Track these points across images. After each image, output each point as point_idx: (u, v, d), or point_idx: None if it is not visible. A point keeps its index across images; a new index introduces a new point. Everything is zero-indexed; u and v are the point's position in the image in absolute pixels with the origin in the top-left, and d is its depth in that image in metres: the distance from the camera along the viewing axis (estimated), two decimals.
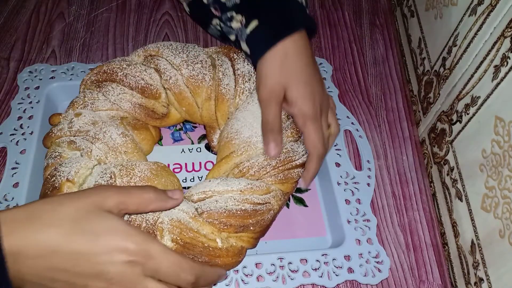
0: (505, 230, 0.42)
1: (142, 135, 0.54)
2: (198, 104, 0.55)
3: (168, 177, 0.49)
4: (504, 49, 0.44)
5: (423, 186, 0.58)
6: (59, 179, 0.46)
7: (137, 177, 0.46)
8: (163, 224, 0.42)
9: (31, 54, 0.68)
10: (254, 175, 0.48)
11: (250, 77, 0.55)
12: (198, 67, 0.54)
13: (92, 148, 0.49)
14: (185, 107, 0.55)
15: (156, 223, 0.42)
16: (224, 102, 0.54)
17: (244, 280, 0.46)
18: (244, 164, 0.48)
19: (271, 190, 0.47)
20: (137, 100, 0.53)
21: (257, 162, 0.48)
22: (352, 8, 0.79)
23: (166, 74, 0.53)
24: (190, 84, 0.53)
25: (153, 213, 0.43)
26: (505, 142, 0.43)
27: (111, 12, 0.75)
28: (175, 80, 0.53)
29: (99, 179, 0.46)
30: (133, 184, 0.46)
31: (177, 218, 0.43)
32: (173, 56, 0.54)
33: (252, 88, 0.54)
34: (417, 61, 0.66)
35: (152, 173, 0.47)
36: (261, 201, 0.46)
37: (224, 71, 0.54)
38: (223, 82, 0.54)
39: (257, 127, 0.50)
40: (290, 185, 0.50)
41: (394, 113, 0.65)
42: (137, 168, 0.47)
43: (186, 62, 0.54)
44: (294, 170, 0.49)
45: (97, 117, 0.51)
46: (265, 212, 0.46)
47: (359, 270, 0.47)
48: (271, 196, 0.47)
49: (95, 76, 0.54)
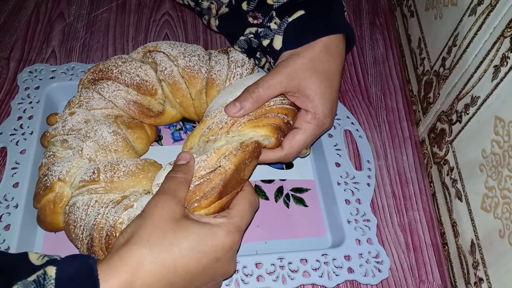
0: (505, 230, 0.42)
1: (136, 134, 0.53)
2: (192, 95, 0.54)
3: (155, 172, 0.48)
4: (504, 49, 0.44)
5: (423, 186, 0.58)
6: (51, 179, 0.47)
7: (121, 171, 0.47)
8: (122, 224, 0.43)
9: (31, 54, 0.68)
10: (223, 129, 0.45)
11: (243, 63, 0.54)
12: (195, 59, 0.53)
13: (83, 147, 0.49)
14: (179, 99, 0.54)
15: (115, 224, 0.43)
16: (214, 86, 0.52)
17: (244, 280, 0.46)
18: (214, 122, 0.46)
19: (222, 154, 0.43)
20: (132, 97, 0.53)
21: (225, 117, 0.46)
22: (352, 8, 0.79)
23: (162, 65, 0.53)
24: (185, 74, 0.53)
25: (116, 212, 0.43)
26: (505, 142, 0.43)
27: (111, 12, 0.75)
28: (170, 70, 0.53)
29: (83, 176, 0.46)
30: (116, 179, 0.46)
31: (134, 215, 0.43)
32: (170, 48, 0.54)
33: (244, 73, 0.53)
34: (417, 61, 0.66)
35: (138, 167, 0.47)
36: (208, 170, 0.42)
37: (217, 61, 0.54)
38: (214, 68, 0.53)
39: (236, 93, 0.47)
40: (266, 127, 0.45)
41: (394, 113, 0.65)
42: (122, 163, 0.48)
43: (183, 54, 0.53)
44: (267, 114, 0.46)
45: (91, 115, 0.51)
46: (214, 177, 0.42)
47: (359, 270, 0.47)
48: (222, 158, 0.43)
49: (91, 75, 0.54)
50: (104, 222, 0.43)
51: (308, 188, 0.57)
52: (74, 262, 0.33)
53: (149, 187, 0.48)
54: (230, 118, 0.46)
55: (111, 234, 0.42)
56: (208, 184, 0.41)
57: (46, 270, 0.32)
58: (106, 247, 0.42)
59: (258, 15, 0.50)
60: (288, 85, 0.46)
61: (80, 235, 0.44)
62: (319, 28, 0.47)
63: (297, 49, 0.47)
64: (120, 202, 0.45)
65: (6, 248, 0.46)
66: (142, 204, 0.43)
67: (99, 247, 0.43)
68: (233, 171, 0.42)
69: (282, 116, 0.47)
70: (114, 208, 0.44)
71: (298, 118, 0.48)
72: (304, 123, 0.47)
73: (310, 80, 0.45)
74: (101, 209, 0.44)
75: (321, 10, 0.48)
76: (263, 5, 0.50)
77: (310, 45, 0.46)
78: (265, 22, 0.50)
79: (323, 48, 0.46)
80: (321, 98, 0.46)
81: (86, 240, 0.44)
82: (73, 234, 0.45)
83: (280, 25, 0.48)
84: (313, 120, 0.46)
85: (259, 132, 0.45)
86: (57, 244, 0.50)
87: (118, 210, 0.44)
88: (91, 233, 0.43)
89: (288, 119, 0.47)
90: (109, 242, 0.42)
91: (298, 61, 0.46)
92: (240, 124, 0.45)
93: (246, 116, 0.45)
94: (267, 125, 0.45)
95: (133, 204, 0.44)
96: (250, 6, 0.50)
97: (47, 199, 0.47)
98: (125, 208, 0.44)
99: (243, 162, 0.43)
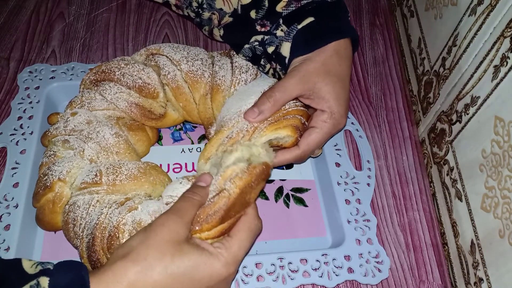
0: (505, 230, 0.42)
1: (138, 136, 0.54)
2: (195, 100, 0.54)
3: (157, 176, 0.49)
4: (504, 49, 0.44)
5: (423, 186, 0.58)
6: (51, 178, 0.47)
7: (123, 175, 0.47)
8: (125, 225, 0.43)
9: (31, 54, 0.68)
10: (244, 137, 0.46)
11: (247, 69, 0.54)
12: (198, 63, 0.54)
13: (84, 148, 0.49)
14: (182, 103, 0.54)
15: (119, 225, 0.43)
16: (219, 92, 0.53)
17: (244, 280, 0.46)
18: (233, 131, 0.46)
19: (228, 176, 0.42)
20: (134, 99, 0.53)
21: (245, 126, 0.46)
22: (352, 8, 0.79)
23: (165, 69, 0.53)
24: (188, 79, 0.53)
25: (120, 213, 0.43)
26: (505, 142, 0.43)
27: (111, 12, 0.75)
28: (174, 75, 0.53)
29: (85, 177, 0.46)
30: (118, 182, 0.46)
31: (139, 220, 0.43)
32: (173, 52, 0.54)
33: (248, 79, 0.54)
34: (417, 61, 0.66)
35: (140, 171, 0.48)
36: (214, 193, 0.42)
37: (221, 65, 0.54)
38: (218, 74, 0.53)
39: (249, 100, 0.48)
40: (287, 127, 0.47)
41: (394, 113, 0.66)
42: (124, 166, 0.48)
43: (186, 58, 0.54)
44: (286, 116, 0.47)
45: (93, 116, 0.51)
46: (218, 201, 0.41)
47: (359, 270, 0.47)
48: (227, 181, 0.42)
49: (93, 76, 0.54)
50: (107, 222, 0.43)
51: (308, 188, 0.57)
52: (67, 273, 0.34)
53: (151, 191, 0.48)
54: (250, 126, 0.46)
55: (114, 235, 0.42)
56: (212, 207, 0.41)
57: (39, 281, 0.32)
58: (108, 247, 0.42)
59: (266, 23, 0.51)
60: (303, 88, 0.47)
61: (81, 234, 0.44)
62: (329, 33, 0.48)
63: (309, 54, 0.48)
64: (123, 204, 0.45)
65: (6, 248, 0.46)
66: (149, 210, 0.44)
67: (100, 246, 0.43)
68: (237, 195, 0.41)
69: (299, 117, 0.48)
70: (117, 208, 0.44)
71: (314, 117, 0.49)
72: (320, 122, 0.48)
73: (324, 82, 0.47)
74: (104, 209, 0.44)
75: (329, 16, 0.49)
76: (271, 13, 0.50)
77: (321, 50, 0.48)
78: (272, 30, 0.51)
79: (334, 52, 0.48)
80: (337, 99, 0.47)
81: (87, 239, 0.44)
82: (72, 232, 0.45)
83: (289, 32, 0.49)
84: (329, 120, 0.47)
85: (281, 133, 0.47)
86: (57, 244, 0.50)
87: (122, 211, 0.44)
88: (93, 232, 0.43)
89: (304, 120, 0.49)
90: (111, 243, 0.42)
91: (311, 65, 0.47)
92: (261, 129, 0.46)
93: (266, 121, 0.47)
94: (288, 125, 0.47)
95: (138, 206, 0.44)
96: (259, 14, 0.51)
97: (46, 199, 0.47)
98: (129, 210, 0.44)
99: (249, 185, 0.42)
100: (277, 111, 0.47)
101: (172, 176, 0.56)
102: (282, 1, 0.50)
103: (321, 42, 0.48)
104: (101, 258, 0.43)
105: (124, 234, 0.42)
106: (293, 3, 0.49)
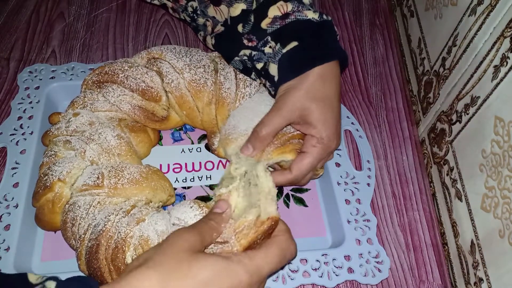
0: (505, 230, 0.42)
1: (139, 138, 0.54)
2: (198, 108, 0.55)
3: (158, 181, 0.49)
4: (504, 49, 0.44)
5: (423, 186, 0.58)
6: (51, 178, 0.47)
7: (125, 178, 0.47)
8: (132, 238, 0.43)
9: (31, 54, 0.68)
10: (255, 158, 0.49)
11: (251, 82, 0.55)
12: (201, 71, 0.54)
13: (86, 149, 0.49)
14: (186, 111, 0.55)
15: (126, 237, 0.42)
16: (225, 106, 0.54)
17: None
18: None
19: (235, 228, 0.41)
20: (137, 102, 0.54)
21: None
22: (352, 8, 0.79)
23: (168, 77, 0.53)
24: (191, 88, 0.54)
25: (128, 225, 0.43)
26: (505, 142, 0.43)
27: (111, 12, 0.75)
28: (177, 83, 0.53)
29: (87, 179, 0.46)
30: (120, 186, 0.46)
31: (147, 236, 0.43)
32: (176, 59, 0.54)
33: (252, 92, 0.55)
34: (417, 61, 0.66)
35: (142, 176, 0.48)
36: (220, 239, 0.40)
37: (226, 75, 0.54)
38: (224, 86, 0.54)
39: (255, 120, 0.50)
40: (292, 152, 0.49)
41: (394, 113, 0.66)
42: (126, 170, 0.48)
43: (189, 66, 0.54)
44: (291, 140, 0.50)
45: (95, 117, 0.51)
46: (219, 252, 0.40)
47: (359, 270, 0.47)
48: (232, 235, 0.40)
49: (96, 77, 0.54)
50: (114, 231, 0.43)
51: (308, 188, 0.57)
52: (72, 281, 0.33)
53: (151, 196, 0.48)
54: None
55: (120, 248, 0.42)
56: None
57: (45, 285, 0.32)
58: (112, 259, 0.42)
59: (253, 37, 0.51)
60: (290, 118, 0.48)
61: (83, 235, 0.44)
62: (312, 59, 0.48)
63: (293, 81, 0.48)
64: (129, 212, 0.45)
65: (6, 248, 0.46)
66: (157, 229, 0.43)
67: (104, 256, 0.42)
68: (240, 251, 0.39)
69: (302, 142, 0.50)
70: (125, 217, 0.44)
71: (305, 142, 0.50)
72: (310, 147, 0.48)
73: (310, 109, 0.47)
74: (111, 216, 0.44)
75: (314, 39, 0.49)
76: (257, 29, 0.51)
77: (305, 75, 0.48)
78: (259, 46, 0.51)
79: (318, 77, 0.48)
80: (324, 123, 0.48)
81: (90, 243, 0.43)
82: (69, 232, 0.45)
83: (275, 54, 0.50)
84: (318, 144, 0.48)
85: (287, 156, 0.49)
86: (57, 244, 0.50)
87: (130, 223, 0.43)
88: (98, 238, 0.43)
89: None
90: (117, 255, 0.42)
91: (295, 93, 0.48)
92: (268, 153, 0.50)
93: (273, 145, 0.50)
94: (293, 150, 0.50)
95: (145, 218, 0.44)
96: (245, 28, 0.51)
97: (46, 199, 0.47)
98: (137, 222, 0.43)
99: (255, 242, 0.39)
100: (282, 135, 0.50)
101: (172, 176, 0.56)
102: (268, 18, 0.49)
103: (305, 68, 0.48)
104: (103, 268, 0.42)
105: (130, 247, 0.42)
106: (278, 21, 0.49)
